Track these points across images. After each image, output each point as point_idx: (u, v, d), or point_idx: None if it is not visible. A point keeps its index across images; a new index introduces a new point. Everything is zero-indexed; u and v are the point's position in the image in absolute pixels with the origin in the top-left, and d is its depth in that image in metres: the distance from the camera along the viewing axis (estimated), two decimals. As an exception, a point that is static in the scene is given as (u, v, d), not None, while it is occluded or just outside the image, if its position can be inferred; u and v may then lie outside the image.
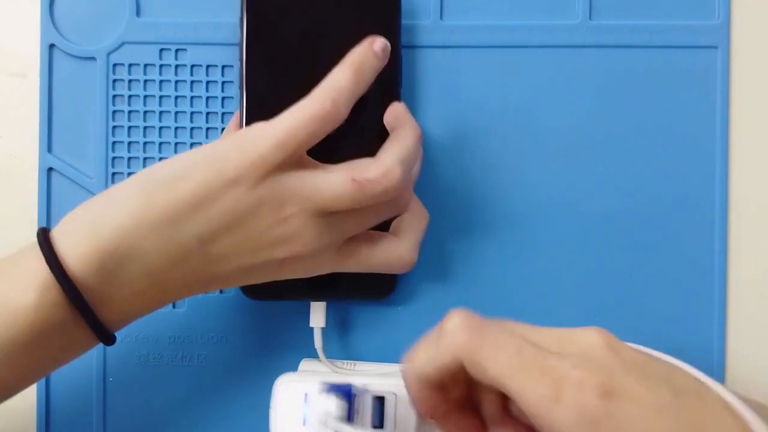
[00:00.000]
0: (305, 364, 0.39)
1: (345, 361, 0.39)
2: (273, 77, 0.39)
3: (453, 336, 0.26)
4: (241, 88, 0.39)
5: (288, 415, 0.34)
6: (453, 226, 0.40)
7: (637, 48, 0.41)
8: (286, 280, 0.34)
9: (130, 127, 0.40)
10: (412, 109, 0.40)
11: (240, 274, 0.32)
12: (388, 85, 0.39)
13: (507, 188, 0.41)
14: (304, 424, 0.33)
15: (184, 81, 0.41)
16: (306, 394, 0.34)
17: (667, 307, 0.40)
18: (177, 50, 0.41)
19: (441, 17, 0.41)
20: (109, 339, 0.31)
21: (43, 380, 0.40)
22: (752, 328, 0.41)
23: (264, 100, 0.38)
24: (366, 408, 0.31)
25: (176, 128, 0.41)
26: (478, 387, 0.28)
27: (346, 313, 0.40)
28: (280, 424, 0.34)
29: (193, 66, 0.41)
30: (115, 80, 0.40)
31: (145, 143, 0.40)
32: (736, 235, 0.41)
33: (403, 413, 0.34)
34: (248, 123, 0.38)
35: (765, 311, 0.41)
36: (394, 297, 0.40)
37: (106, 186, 0.40)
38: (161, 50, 0.41)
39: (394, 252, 0.36)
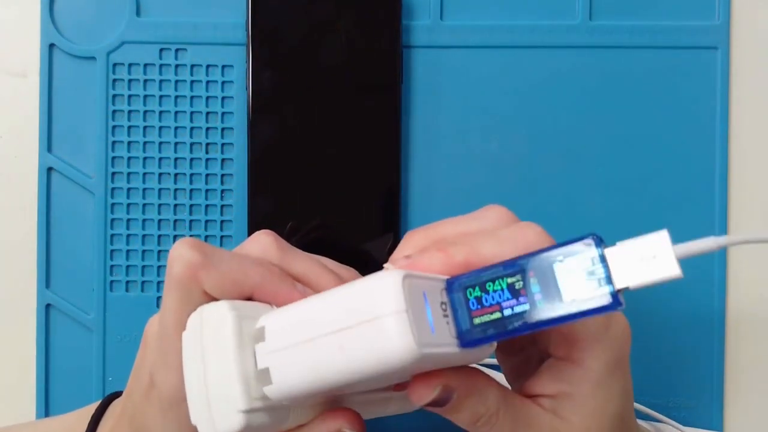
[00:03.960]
0: None
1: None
2: (278, 77, 0.39)
3: (539, 238, 0.24)
4: (247, 88, 0.39)
5: None
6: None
7: (637, 48, 0.41)
8: None
9: (130, 127, 0.40)
10: (412, 109, 0.40)
11: None
12: (388, 85, 0.39)
13: (507, 188, 0.41)
14: None
15: (184, 81, 0.41)
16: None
17: (666, 306, 0.40)
18: (177, 50, 0.41)
19: (441, 17, 0.41)
20: None
21: (42, 380, 0.40)
22: (752, 330, 0.41)
23: (269, 100, 0.39)
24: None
25: (176, 128, 0.41)
26: None
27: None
28: None
29: (193, 66, 0.41)
30: (115, 80, 0.40)
31: (145, 143, 0.40)
32: (736, 234, 0.41)
33: None
34: (254, 122, 0.39)
35: (764, 312, 0.41)
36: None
37: (106, 186, 0.40)
38: (161, 50, 0.41)
39: None
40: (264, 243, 0.27)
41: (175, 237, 0.40)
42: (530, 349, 0.27)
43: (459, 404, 0.24)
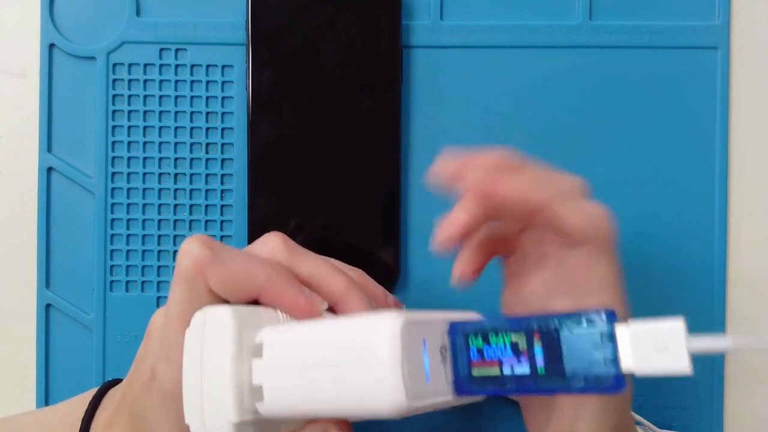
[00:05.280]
0: None
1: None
2: (278, 77, 0.39)
3: (568, 183, 0.27)
4: (247, 88, 0.39)
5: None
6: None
7: (637, 48, 0.41)
8: None
9: (130, 127, 0.40)
10: (412, 108, 0.40)
11: None
12: (388, 85, 0.39)
13: (507, 188, 0.40)
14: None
15: (184, 81, 0.41)
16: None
17: (667, 306, 0.40)
18: (177, 50, 0.41)
19: (441, 17, 0.41)
20: None
21: (43, 380, 0.40)
22: (752, 330, 0.41)
23: (269, 100, 0.39)
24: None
25: (176, 128, 0.41)
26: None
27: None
28: None
29: (193, 66, 0.41)
30: (115, 80, 0.40)
31: (145, 143, 0.40)
32: (736, 234, 0.41)
33: None
34: (254, 122, 0.39)
35: (765, 312, 0.41)
36: (397, 289, 0.40)
37: (106, 186, 0.40)
38: (161, 50, 0.41)
39: None
40: (273, 244, 0.28)
41: (176, 237, 0.40)
42: None
43: None
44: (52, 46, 0.41)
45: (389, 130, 0.39)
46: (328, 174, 0.39)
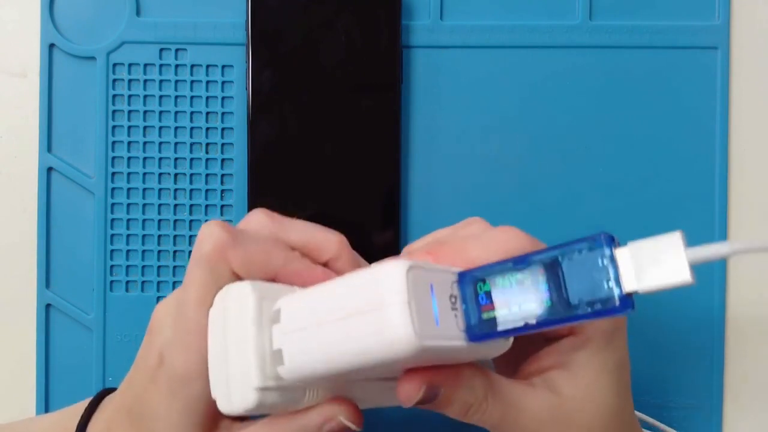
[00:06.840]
0: None
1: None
2: (278, 77, 0.39)
3: (518, 237, 0.26)
4: (247, 88, 0.39)
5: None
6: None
7: (637, 48, 0.41)
8: None
9: (130, 127, 0.40)
10: (412, 108, 0.40)
11: None
12: (388, 85, 0.39)
13: (507, 188, 0.41)
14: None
15: (184, 81, 0.41)
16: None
17: (667, 306, 0.40)
18: (177, 50, 0.41)
19: (441, 17, 0.41)
20: None
21: (43, 380, 0.40)
22: (751, 329, 0.41)
23: (269, 100, 0.39)
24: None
25: (176, 128, 0.41)
26: None
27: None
28: None
29: (193, 66, 0.41)
30: (115, 80, 0.40)
31: (145, 143, 0.40)
32: (736, 235, 0.41)
33: None
34: (254, 122, 0.39)
35: (765, 312, 0.41)
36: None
37: (106, 186, 0.40)
38: (161, 50, 0.41)
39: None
40: (258, 219, 0.28)
41: (176, 237, 0.40)
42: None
43: (448, 398, 0.24)
44: (52, 46, 0.41)
45: (389, 130, 0.39)
46: (328, 174, 0.39)
